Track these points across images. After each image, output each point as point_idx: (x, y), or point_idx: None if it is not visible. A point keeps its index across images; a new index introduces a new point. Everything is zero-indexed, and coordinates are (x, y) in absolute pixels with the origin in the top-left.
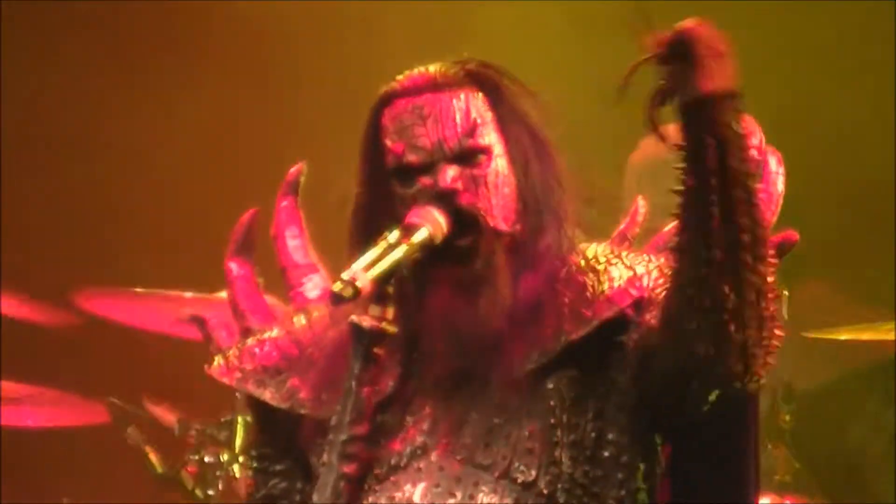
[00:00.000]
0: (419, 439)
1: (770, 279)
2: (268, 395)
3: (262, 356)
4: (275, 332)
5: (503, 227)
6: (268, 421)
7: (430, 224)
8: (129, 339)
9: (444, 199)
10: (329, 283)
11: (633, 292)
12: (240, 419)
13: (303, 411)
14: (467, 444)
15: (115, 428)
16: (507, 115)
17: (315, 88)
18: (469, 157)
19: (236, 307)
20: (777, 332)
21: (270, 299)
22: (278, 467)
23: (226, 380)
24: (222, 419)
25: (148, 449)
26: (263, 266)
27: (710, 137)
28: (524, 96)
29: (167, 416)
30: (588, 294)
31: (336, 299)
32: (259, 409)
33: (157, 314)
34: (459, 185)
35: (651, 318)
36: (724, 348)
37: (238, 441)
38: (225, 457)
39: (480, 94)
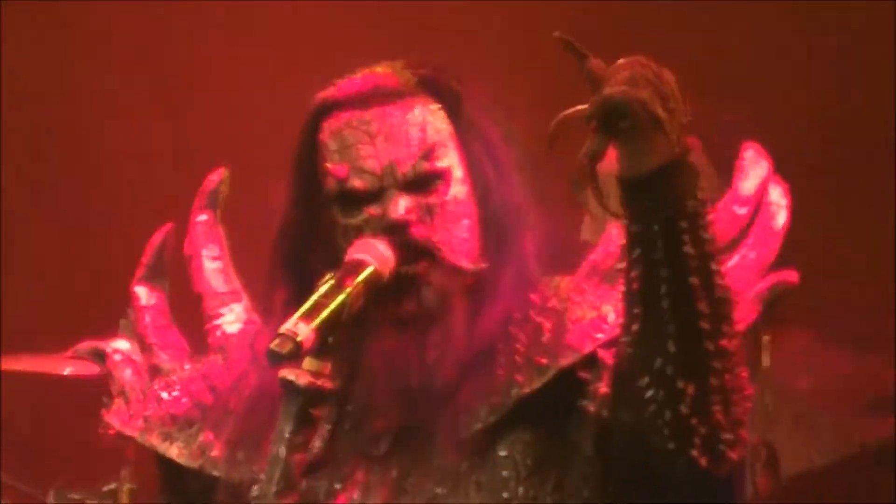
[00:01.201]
0: None
1: (735, 351)
2: (174, 452)
3: (171, 403)
4: (186, 374)
5: (464, 264)
6: (173, 479)
7: (377, 259)
8: None
9: (395, 231)
10: (252, 313)
11: (599, 336)
12: (126, 487)
13: (215, 472)
14: None
15: None
16: (466, 130)
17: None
18: (424, 183)
19: (143, 340)
20: (746, 395)
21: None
22: None
23: (127, 430)
24: (104, 488)
25: None
26: (177, 292)
27: (655, 224)
28: (485, 107)
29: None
30: (545, 339)
31: (274, 359)
32: (164, 464)
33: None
34: (412, 217)
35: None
36: (686, 442)
37: None
38: None
39: (437, 106)
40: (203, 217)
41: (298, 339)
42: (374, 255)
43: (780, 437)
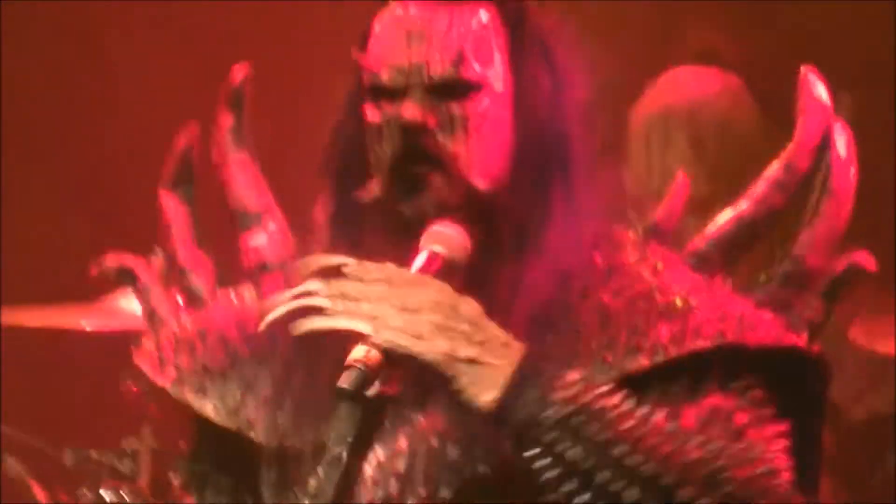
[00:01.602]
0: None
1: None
2: (209, 409)
3: (205, 352)
4: (219, 313)
5: (478, 182)
6: (206, 432)
7: (448, 247)
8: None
9: (407, 134)
10: (288, 235)
11: (721, 338)
12: (148, 447)
13: (252, 436)
14: None
15: None
16: (528, 47)
17: None
18: (453, 90)
19: (174, 261)
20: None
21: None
22: (221, 482)
23: (158, 379)
24: (125, 446)
25: (31, 483)
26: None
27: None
28: (559, 30)
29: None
30: (613, 328)
31: (342, 396)
32: (198, 424)
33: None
34: (429, 122)
35: None
36: None
37: (144, 474)
38: (127, 493)
39: (494, 15)
40: (229, 119)
41: (364, 367)
42: (442, 242)
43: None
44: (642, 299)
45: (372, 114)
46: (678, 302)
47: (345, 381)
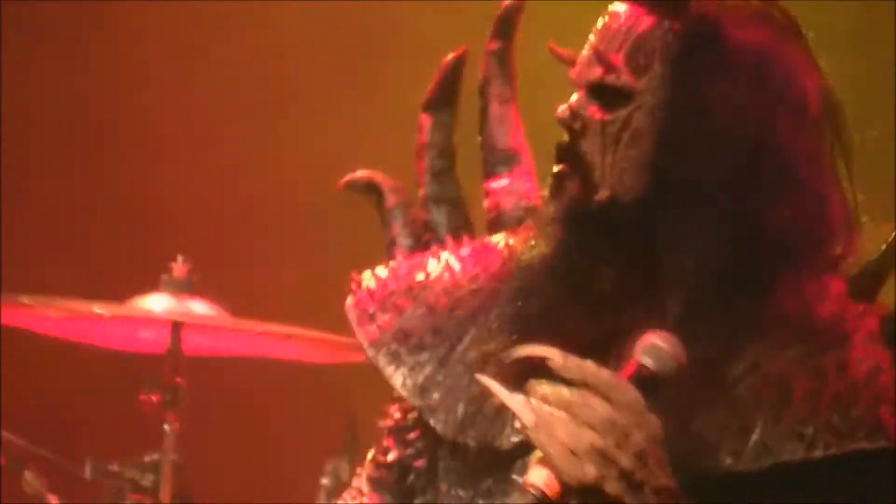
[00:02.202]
0: None
1: None
2: (398, 379)
3: (409, 315)
4: (435, 271)
5: (604, 194)
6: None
7: (656, 361)
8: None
9: (565, 134)
10: (533, 186)
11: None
12: (170, 459)
13: (431, 422)
14: None
15: (7, 471)
16: (702, 68)
17: None
18: (602, 96)
19: (419, 185)
20: None
21: None
22: (414, 438)
23: (360, 333)
24: (146, 459)
25: (50, 498)
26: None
27: None
28: (776, 57)
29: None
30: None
31: None
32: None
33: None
34: (575, 125)
35: None
36: None
37: (166, 487)
38: None
39: (675, 24)
40: (497, 47)
41: (544, 493)
42: (653, 356)
43: None
44: (812, 375)
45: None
46: (852, 386)
47: (518, 500)
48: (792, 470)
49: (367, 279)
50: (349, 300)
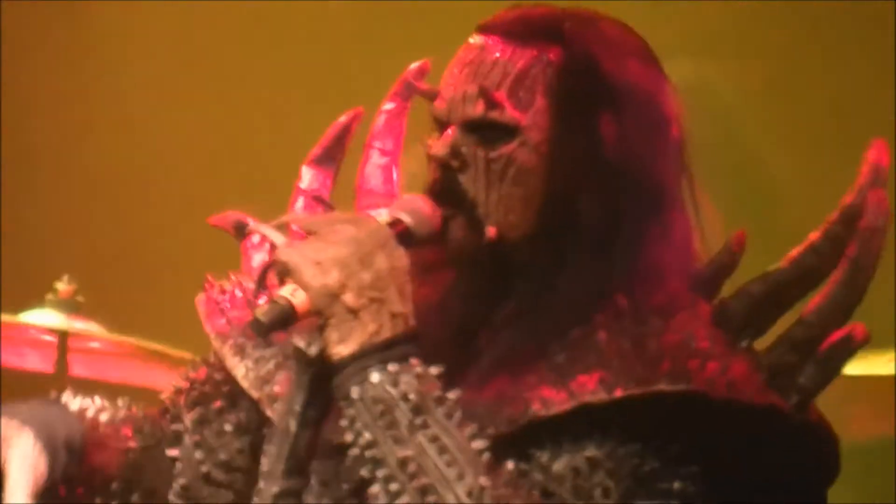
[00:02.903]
0: None
1: None
2: (241, 371)
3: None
4: None
5: (490, 231)
6: (236, 399)
7: (413, 218)
8: None
9: (435, 168)
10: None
11: (686, 385)
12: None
13: (268, 413)
14: None
15: None
16: (584, 100)
17: None
18: (486, 131)
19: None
20: None
21: None
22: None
23: (207, 324)
24: None
25: None
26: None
27: (352, 413)
28: (639, 83)
29: None
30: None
31: (257, 328)
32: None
33: None
34: (454, 162)
35: None
36: None
37: None
38: None
39: (556, 58)
40: (390, 106)
41: (290, 303)
42: (411, 212)
43: None
44: (631, 341)
45: (429, 141)
46: (661, 346)
47: (261, 312)
48: (601, 412)
49: (223, 281)
50: (200, 296)
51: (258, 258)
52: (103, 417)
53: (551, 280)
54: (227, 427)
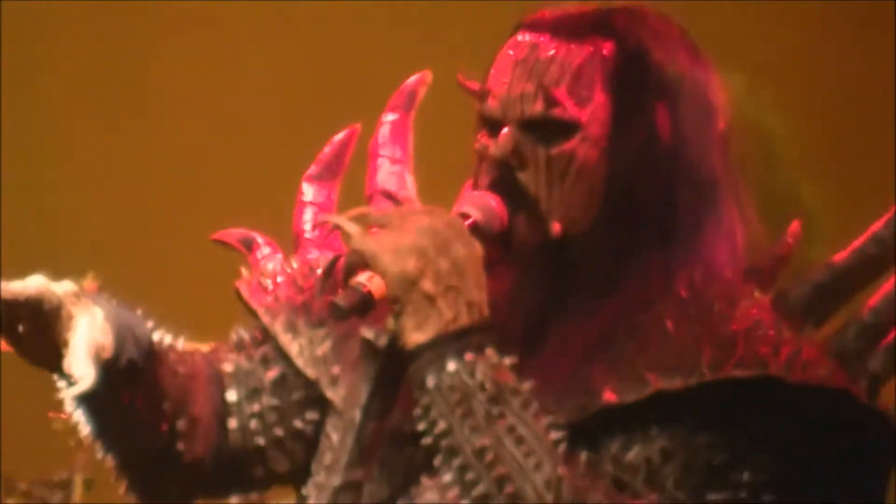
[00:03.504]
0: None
1: None
2: (295, 349)
3: (310, 293)
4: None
5: (555, 228)
6: (282, 379)
7: (483, 213)
8: None
9: (494, 169)
10: None
11: (763, 369)
12: (80, 478)
13: (328, 394)
14: None
15: None
16: (640, 93)
17: None
18: (546, 128)
19: (299, 237)
20: None
21: None
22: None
23: (252, 302)
24: (55, 477)
25: None
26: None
27: (426, 401)
28: (694, 78)
29: None
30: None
31: (337, 313)
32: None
33: None
34: (514, 161)
35: None
36: None
37: None
38: None
39: (610, 51)
40: (392, 116)
41: (368, 290)
42: (481, 208)
43: None
44: (702, 326)
45: (478, 141)
46: (733, 332)
47: (341, 298)
48: (672, 400)
49: (258, 271)
50: (240, 280)
51: (270, 266)
52: (165, 339)
53: (614, 271)
54: (295, 396)
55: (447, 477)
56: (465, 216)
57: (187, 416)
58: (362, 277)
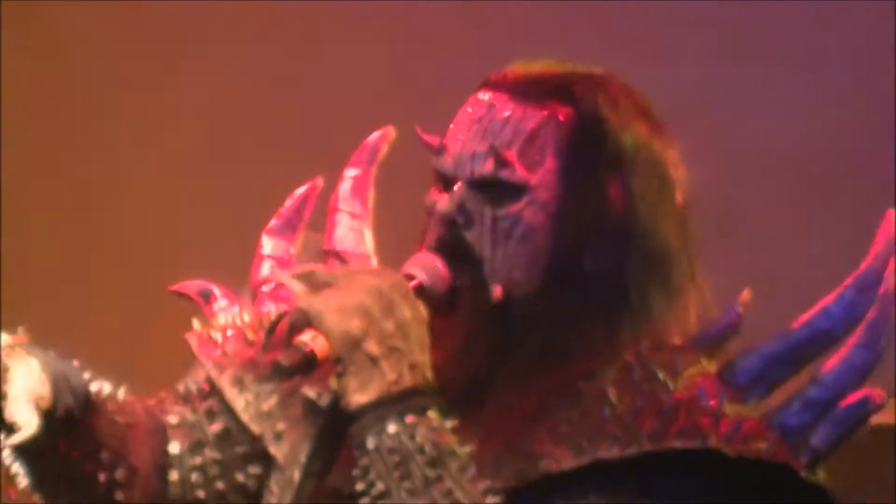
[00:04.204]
0: None
1: None
2: (241, 404)
3: (257, 347)
4: None
5: (497, 290)
6: (229, 433)
7: (428, 275)
8: None
9: (440, 226)
10: None
11: (702, 442)
12: None
13: (271, 450)
14: None
15: None
16: (594, 161)
17: None
18: (493, 190)
19: (255, 291)
20: None
21: None
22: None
23: (201, 355)
24: None
25: None
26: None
27: (365, 461)
28: (656, 149)
29: None
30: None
31: (279, 373)
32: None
33: None
34: (460, 219)
35: None
36: None
37: None
38: None
39: (567, 118)
40: (354, 172)
41: (311, 350)
42: (426, 270)
43: None
44: (644, 395)
45: (429, 196)
46: (675, 401)
47: (284, 357)
48: (612, 468)
49: (208, 325)
50: (188, 335)
51: (223, 318)
52: (104, 389)
53: (559, 338)
54: (239, 450)
55: None
56: (410, 277)
57: (126, 466)
58: (306, 336)
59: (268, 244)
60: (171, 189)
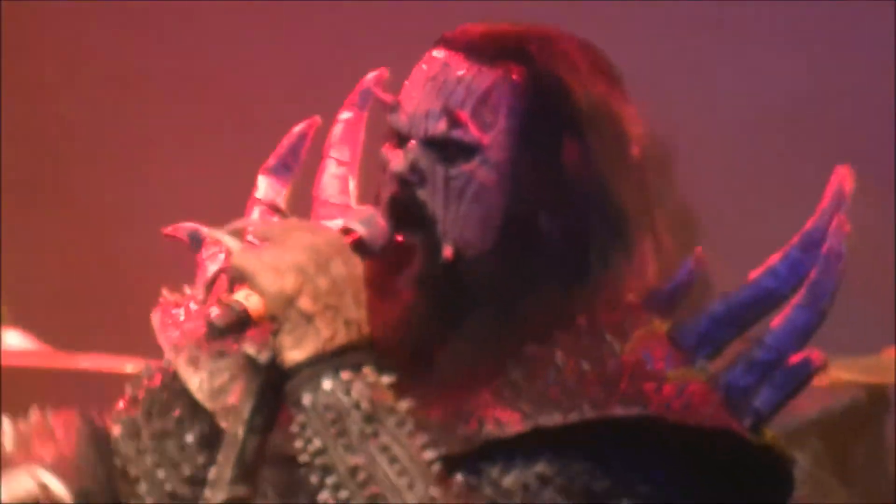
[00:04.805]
0: None
1: None
2: (195, 383)
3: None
4: None
5: (447, 250)
6: (190, 412)
7: (367, 227)
8: None
9: (393, 185)
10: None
11: (643, 409)
12: None
13: (223, 424)
14: None
15: None
16: (548, 121)
17: None
18: (447, 148)
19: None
20: None
21: None
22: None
23: (160, 337)
24: None
25: None
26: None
27: (303, 421)
28: (613, 107)
29: None
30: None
31: (213, 332)
32: (185, 395)
33: None
34: (413, 178)
35: None
36: None
37: None
38: None
39: (521, 78)
40: (347, 115)
41: (245, 308)
42: (365, 223)
43: None
44: (589, 361)
45: (383, 152)
46: (620, 365)
47: (216, 317)
48: (551, 433)
49: (178, 294)
50: (155, 310)
51: (213, 268)
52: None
53: (510, 300)
54: (189, 439)
55: (322, 495)
56: (348, 231)
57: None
58: (239, 295)
59: (262, 184)
60: (172, 189)
